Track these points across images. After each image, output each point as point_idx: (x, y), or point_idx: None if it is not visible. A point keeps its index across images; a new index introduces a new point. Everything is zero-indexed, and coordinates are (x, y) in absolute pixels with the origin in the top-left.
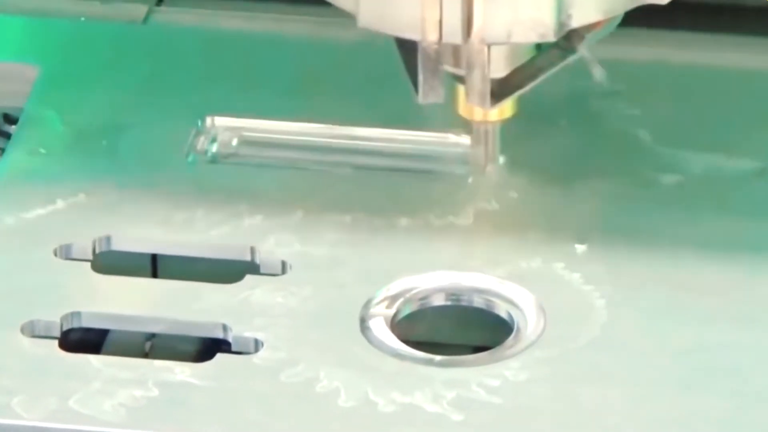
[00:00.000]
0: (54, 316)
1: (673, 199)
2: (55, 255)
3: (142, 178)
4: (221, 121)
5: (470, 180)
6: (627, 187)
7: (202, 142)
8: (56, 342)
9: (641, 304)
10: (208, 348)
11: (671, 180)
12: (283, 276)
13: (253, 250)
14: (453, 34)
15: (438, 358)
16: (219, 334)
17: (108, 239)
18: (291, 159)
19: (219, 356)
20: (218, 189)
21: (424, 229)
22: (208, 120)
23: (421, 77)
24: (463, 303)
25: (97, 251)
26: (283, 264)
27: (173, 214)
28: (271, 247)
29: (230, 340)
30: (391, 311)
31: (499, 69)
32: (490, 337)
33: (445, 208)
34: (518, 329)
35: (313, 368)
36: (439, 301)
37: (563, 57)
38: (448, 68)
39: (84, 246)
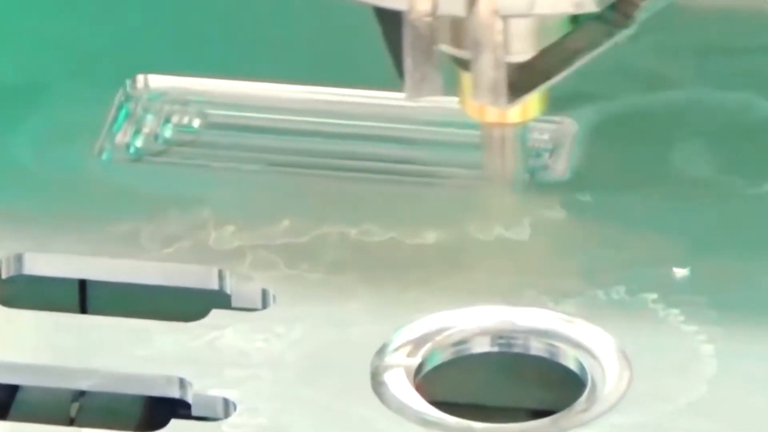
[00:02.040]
0: None
1: None
2: None
3: (61, 171)
4: (158, 81)
5: (523, 176)
6: (734, 193)
7: (140, 116)
8: None
9: (761, 351)
10: (159, 411)
11: None
12: (264, 311)
13: (221, 275)
14: (453, 1)
15: (480, 426)
16: (174, 392)
17: (18, 260)
18: (268, 144)
19: (174, 423)
20: (170, 188)
21: (459, 246)
22: (140, 79)
23: (408, 62)
24: (516, 350)
25: (4, 276)
26: (264, 294)
27: (107, 224)
28: (246, 270)
29: (190, 400)
30: (415, 361)
31: (520, 51)
32: (554, 396)
33: (489, 215)
34: (593, 386)
35: None
36: (481, 346)
37: (610, 34)
38: (448, 49)
39: None
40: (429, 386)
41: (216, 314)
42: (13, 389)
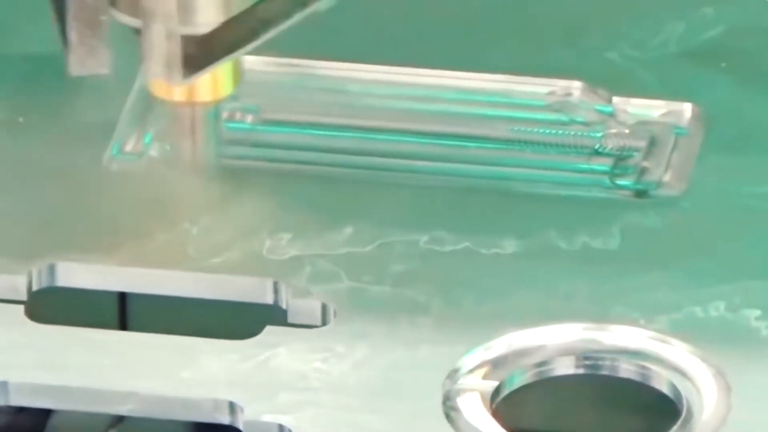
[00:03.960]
0: None
1: None
2: None
3: (90, 172)
4: None
5: (613, 177)
6: None
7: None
8: None
9: None
10: None
11: None
12: (324, 328)
13: (276, 288)
14: None
15: None
16: (223, 418)
17: (51, 270)
18: (327, 143)
19: None
20: (218, 191)
21: (540, 256)
22: None
23: (72, 35)
24: (603, 372)
25: (35, 288)
26: (324, 309)
27: (148, 231)
28: (304, 283)
29: (240, 426)
30: (491, 384)
31: (202, 23)
32: (645, 424)
33: (573, 222)
34: (688, 412)
35: None
36: (565, 368)
37: (303, 4)
38: (121, 18)
39: (14, 281)
40: (507, 412)
41: (270, 331)
42: (46, 414)
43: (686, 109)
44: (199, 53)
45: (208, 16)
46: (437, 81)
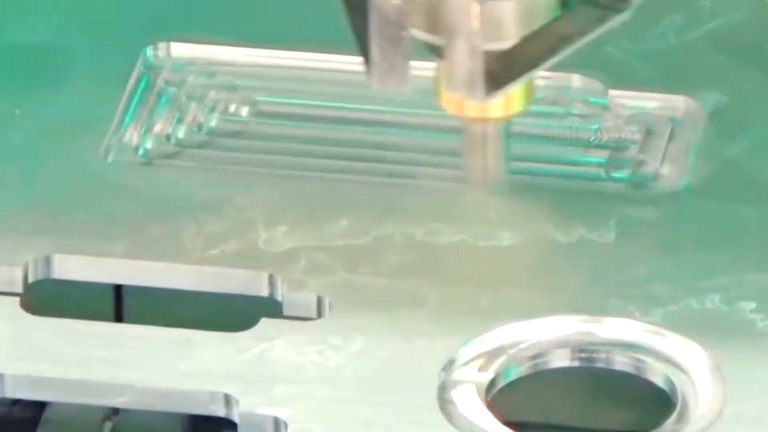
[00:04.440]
0: None
1: None
2: None
3: (86, 164)
4: (181, 50)
5: (609, 169)
6: None
7: (183, 103)
8: None
9: None
10: (200, 431)
11: None
12: (320, 320)
13: (272, 280)
14: None
15: None
16: (219, 411)
17: (46, 262)
18: (322, 135)
19: None
20: (213, 183)
21: (537, 249)
22: (162, 47)
23: (374, 50)
24: (599, 364)
25: (31, 280)
26: (320, 301)
27: (144, 223)
28: (299, 275)
29: (236, 419)
30: (487, 376)
31: (501, 38)
32: (640, 416)
33: (570, 215)
34: (684, 405)
35: None
36: (560, 361)
37: (602, 19)
38: (419, 35)
39: (10, 273)
40: (502, 404)
41: (265, 324)
42: (40, 406)
43: (683, 101)
44: (500, 70)
45: (509, 32)
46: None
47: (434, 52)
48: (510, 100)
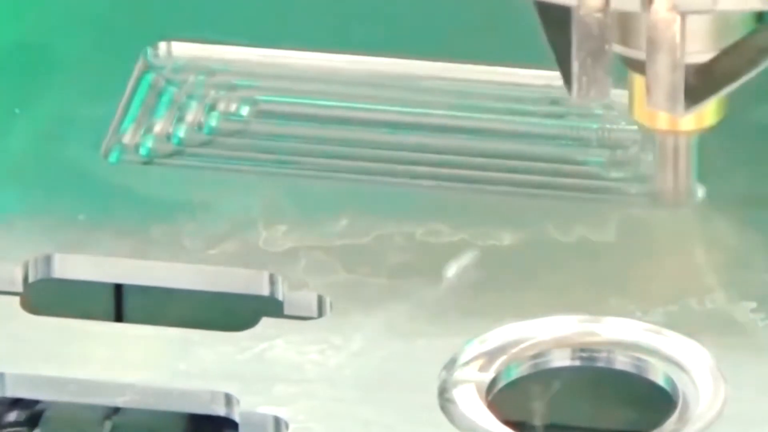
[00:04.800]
0: None
1: None
2: None
3: (88, 160)
4: (181, 50)
5: (610, 169)
6: None
7: (183, 102)
8: None
9: None
10: (203, 431)
11: None
12: (320, 320)
13: (272, 280)
14: None
15: None
16: (219, 410)
17: (47, 262)
18: (322, 134)
19: None
20: (213, 182)
21: (537, 249)
22: (162, 47)
23: (575, 64)
24: (600, 364)
25: (31, 280)
26: (320, 301)
27: (144, 223)
28: (300, 275)
29: (236, 418)
30: (487, 376)
31: (699, 51)
32: (641, 416)
33: (570, 214)
34: (684, 404)
35: None
36: (561, 360)
37: None
38: (619, 49)
39: (10, 273)
40: (503, 404)
41: (266, 323)
42: (41, 406)
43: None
44: (699, 83)
45: (708, 45)
46: (434, 72)
47: (631, 66)
48: (702, 113)
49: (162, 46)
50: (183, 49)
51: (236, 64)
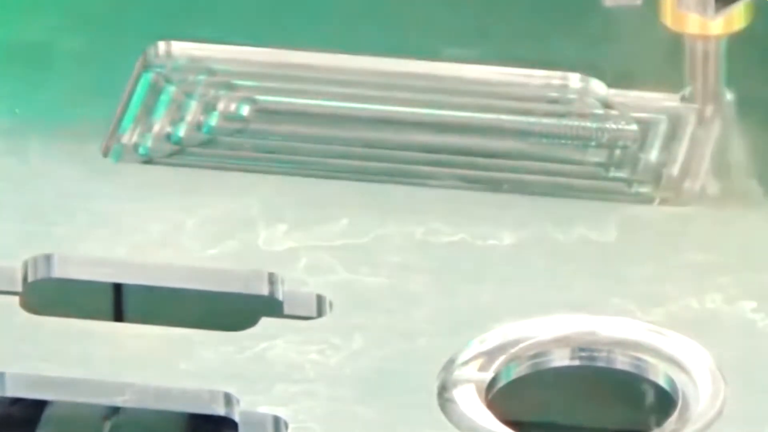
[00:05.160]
0: None
1: None
2: None
3: (88, 159)
4: (181, 49)
5: (610, 169)
6: None
7: (183, 102)
8: None
9: None
10: (202, 430)
11: None
12: (320, 319)
13: (272, 279)
14: None
15: None
16: (219, 410)
17: (47, 261)
18: (323, 133)
19: None
20: (213, 181)
21: (537, 247)
22: (162, 46)
23: None
24: (599, 363)
25: (31, 279)
26: (320, 301)
27: (143, 222)
28: (300, 274)
29: (236, 418)
30: (487, 376)
31: None
32: (641, 416)
33: (570, 213)
34: (684, 404)
35: None
36: (561, 360)
37: None
38: None
39: (10, 272)
40: (502, 404)
41: (266, 323)
42: (40, 405)
43: (678, 99)
44: None
45: None
46: (434, 72)
47: None
48: (731, 16)
49: (161, 45)
50: (183, 49)
51: (236, 64)
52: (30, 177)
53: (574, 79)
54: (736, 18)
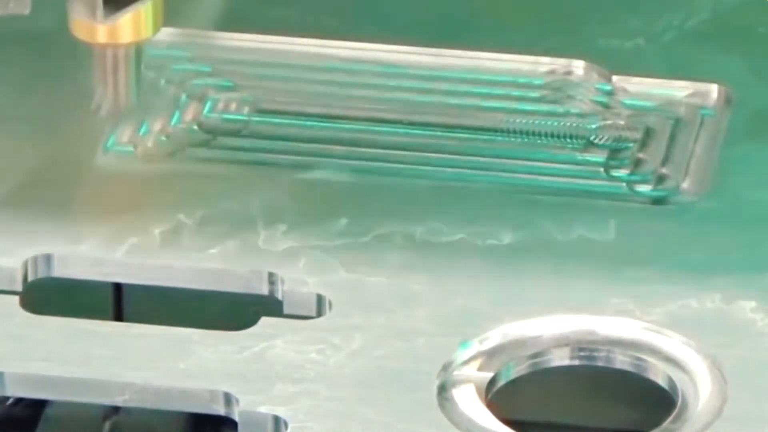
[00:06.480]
0: None
1: None
2: None
3: (87, 158)
4: (182, 48)
5: (610, 169)
6: None
7: (182, 101)
8: None
9: None
10: (202, 430)
11: None
12: (320, 319)
13: (271, 279)
14: None
15: None
16: (219, 409)
17: (47, 261)
18: (321, 133)
19: None
20: (213, 182)
21: (536, 248)
22: (161, 45)
23: None
24: (599, 363)
25: (31, 279)
26: (320, 300)
27: (144, 222)
28: (299, 274)
29: (236, 417)
30: (487, 375)
31: None
32: (640, 415)
33: (569, 214)
34: (684, 404)
35: None
36: (560, 359)
37: None
38: None
39: (10, 272)
40: (502, 403)
41: (266, 323)
42: (41, 405)
43: (683, 97)
44: None
45: None
46: (434, 71)
47: None
48: (140, 25)
49: (161, 44)
50: (182, 48)
51: (236, 62)
52: (29, 176)
53: (579, 67)
54: (144, 27)
